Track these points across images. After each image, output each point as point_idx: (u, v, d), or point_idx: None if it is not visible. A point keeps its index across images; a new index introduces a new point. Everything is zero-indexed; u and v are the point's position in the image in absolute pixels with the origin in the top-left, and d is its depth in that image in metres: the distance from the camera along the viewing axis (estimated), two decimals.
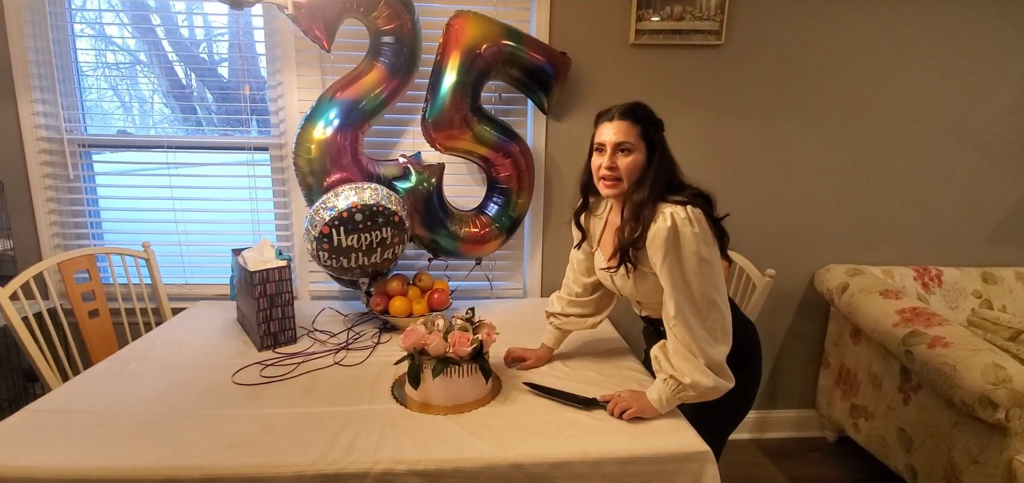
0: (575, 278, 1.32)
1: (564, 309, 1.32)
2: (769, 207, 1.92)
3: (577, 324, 1.32)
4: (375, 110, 1.57)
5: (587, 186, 1.19)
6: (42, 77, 1.67)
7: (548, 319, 1.35)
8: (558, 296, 1.35)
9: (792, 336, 2.05)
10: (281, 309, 1.38)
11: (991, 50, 1.84)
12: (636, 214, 1.04)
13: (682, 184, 1.07)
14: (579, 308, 1.31)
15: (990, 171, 1.94)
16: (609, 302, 1.33)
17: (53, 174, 1.74)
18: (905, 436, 1.58)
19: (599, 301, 1.32)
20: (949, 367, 1.36)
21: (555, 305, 1.34)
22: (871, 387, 1.73)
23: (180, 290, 1.85)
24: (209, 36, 1.98)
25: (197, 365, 1.28)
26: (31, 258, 1.73)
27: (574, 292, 1.32)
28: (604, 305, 1.33)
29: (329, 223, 1.39)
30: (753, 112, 1.84)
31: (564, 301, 1.33)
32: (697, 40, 1.75)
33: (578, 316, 1.32)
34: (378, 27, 1.54)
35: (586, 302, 1.31)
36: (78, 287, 1.52)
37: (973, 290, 1.92)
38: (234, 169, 1.83)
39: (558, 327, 1.33)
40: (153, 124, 1.92)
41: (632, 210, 1.06)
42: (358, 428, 1.00)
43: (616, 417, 1.04)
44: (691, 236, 0.98)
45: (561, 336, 1.34)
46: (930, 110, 1.88)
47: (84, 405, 1.08)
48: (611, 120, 1.08)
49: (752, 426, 2.10)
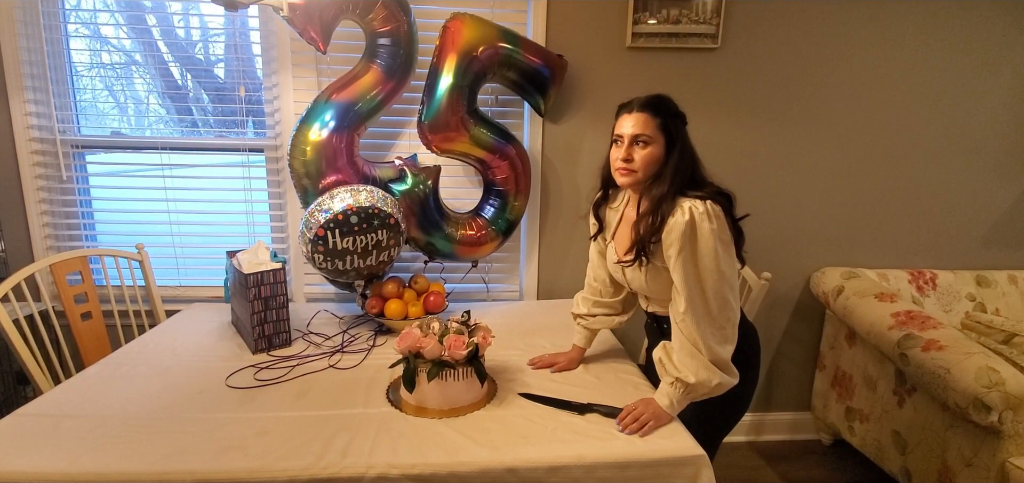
0: (596, 275, 1.31)
1: (590, 310, 1.31)
2: (765, 210, 1.92)
3: (604, 323, 1.31)
4: (371, 112, 1.57)
5: (607, 178, 1.18)
6: (35, 77, 1.66)
7: (575, 320, 1.34)
8: (583, 297, 1.34)
9: (788, 339, 2.05)
10: (276, 311, 1.37)
11: (984, 53, 1.86)
12: (655, 208, 1.03)
13: (704, 180, 1.06)
14: (605, 308, 1.30)
15: (983, 174, 1.96)
16: (635, 301, 1.31)
17: (46, 175, 1.73)
18: (900, 439, 1.58)
19: (625, 300, 1.31)
20: (943, 370, 1.37)
21: (581, 306, 1.33)
22: (866, 390, 1.74)
23: (174, 292, 1.83)
24: (205, 37, 1.97)
25: (190, 368, 1.27)
26: (23, 260, 1.71)
27: (598, 291, 1.31)
28: (631, 304, 1.32)
29: (324, 225, 1.39)
30: (749, 115, 1.85)
31: (589, 302, 1.32)
32: (693, 43, 1.76)
33: (605, 315, 1.31)
34: (374, 29, 1.53)
35: (612, 303, 1.30)
36: (71, 289, 1.51)
37: (967, 293, 1.93)
38: (229, 171, 1.82)
39: (586, 327, 1.32)
40: (148, 125, 1.91)
41: (651, 204, 1.04)
42: (353, 432, 1.00)
43: (633, 433, 1.00)
44: (709, 231, 0.98)
45: (590, 335, 1.33)
46: (924, 113, 1.89)
47: (76, 409, 1.07)
48: (631, 112, 1.07)
49: (748, 428, 2.10)
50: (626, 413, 1.04)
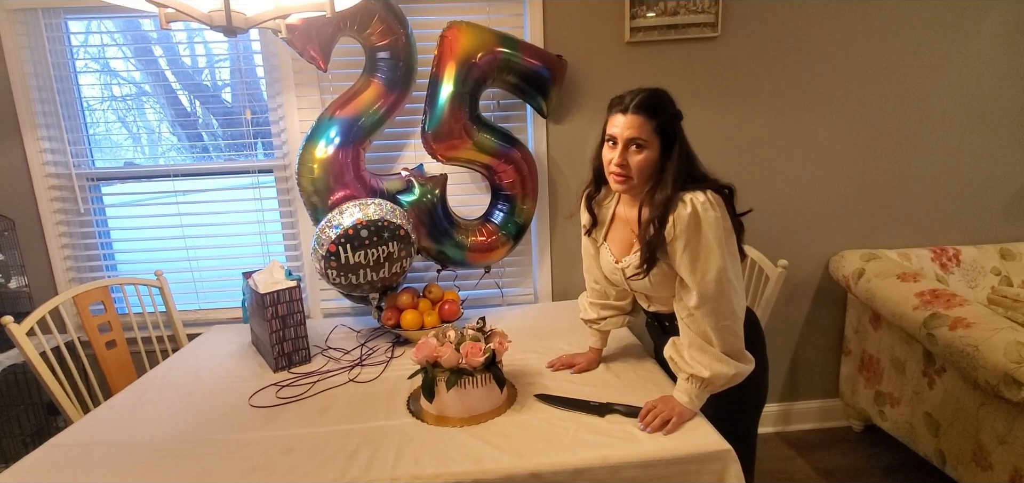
0: (595, 277, 1.27)
1: (600, 314, 1.28)
2: (777, 197, 1.89)
3: (615, 324, 1.29)
4: (375, 125, 1.58)
5: (599, 172, 1.12)
6: (47, 114, 1.70)
7: (587, 326, 1.32)
8: (590, 302, 1.30)
9: (810, 325, 2.01)
10: (293, 329, 1.39)
11: (995, 18, 1.81)
12: (662, 213, 0.99)
13: (702, 175, 1.03)
14: (613, 310, 1.28)
15: (1002, 145, 1.90)
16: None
17: (64, 209, 1.77)
18: (932, 420, 1.54)
19: (632, 299, 1.28)
20: (971, 348, 1.33)
21: (589, 312, 1.30)
22: (895, 373, 1.70)
23: (194, 316, 1.86)
24: (211, 63, 2.01)
25: (214, 390, 1.29)
26: (46, 293, 1.76)
27: (601, 293, 1.28)
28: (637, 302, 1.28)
29: (335, 241, 1.40)
30: (755, 102, 1.82)
31: (597, 306, 1.29)
32: (693, 33, 1.74)
33: (613, 317, 1.28)
34: (373, 44, 1.54)
35: (620, 305, 1.28)
36: (94, 319, 1.54)
37: (992, 267, 1.87)
38: (241, 193, 1.85)
39: (598, 330, 1.30)
40: (161, 152, 1.95)
41: (656, 209, 1.00)
42: (376, 444, 1.00)
43: (656, 431, 0.98)
44: (713, 220, 0.96)
45: (604, 337, 1.31)
46: (933, 87, 1.85)
47: (105, 436, 1.09)
48: (625, 112, 1.00)
49: (775, 419, 2.07)
50: (647, 411, 1.02)
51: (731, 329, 0.99)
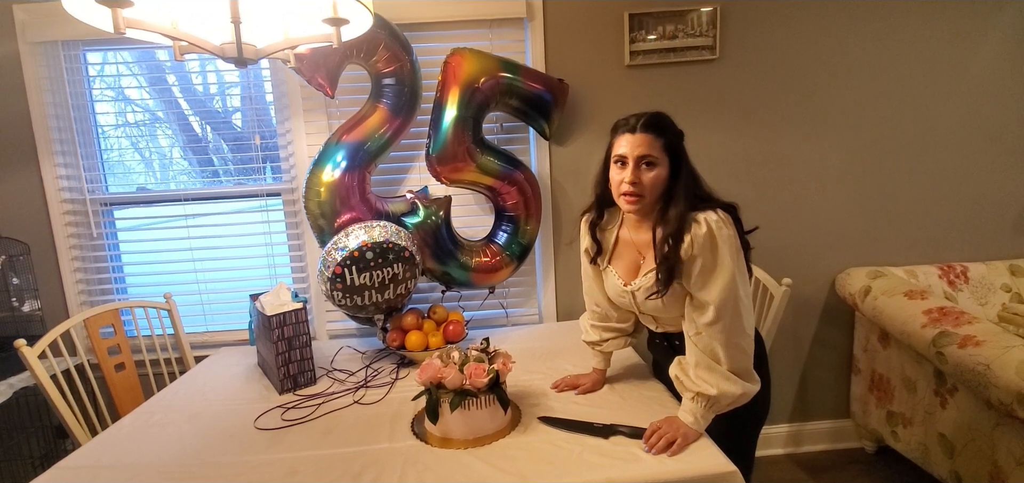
0: (597, 300, 1.27)
1: (602, 336, 1.28)
2: (781, 216, 1.89)
3: (618, 346, 1.29)
4: (380, 149, 1.61)
5: (602, 197, 1.14)
6: (64, 141, 1.76)
7: (590, 347, 1.31)
8: (592, 324, 1.30)
9: (819, 344, 1.99)
10: (299, 351, 1.39)
11: (997, 31, 1.82)
12: (677, 230, 0.99)
13: (708, 195, 1.04)
14: (615, 332, 1.28)
15: (1008, 160, 1.90)
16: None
17: (77, 233, 1.81)
18: (946, 442, 1.51)
19: (637, 321, 1.27)
20: (982, 366, 1.31)
21: (591, 334, 1.30)
22: (906, 392, 1.67)
23: (202, 338, 1.88)
24: (222, 90, 2.06)
25: (220, 412, 1.30)
26: (58, 316, 1.78)
27: (603, 315, 1.27)
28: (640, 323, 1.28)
29: (341, 263, 1.42)
30: (756, 122, 1.84)
31: (599, 329, 1.28)
32: (692, 56, 1.77)
33: (615, 338, 1.28)
34: (379, 70, 1.59)
35: (622, 327, 1.27)
36: (104, 342, 1.56)
37: (1002, 284, 1.85)
38: (249, 216, 1.88)
39: (601, 352, 1.30)
40: (173, 176, 1.99)
41: (671, 226, 1.00)
42: (380, 467, 1.00)
43: (661, 452, 0.97)
44: (727, 237, 0.97)
45: (608, 357, 1.31)
46: (936, 101, 1.85)
47: (112, 459, 1.10)
48: (633, 132, 1.02)
49: (786, 440, 2.03)
50: (651, 432, 1.01)
51: (741, 347, 1.00)
